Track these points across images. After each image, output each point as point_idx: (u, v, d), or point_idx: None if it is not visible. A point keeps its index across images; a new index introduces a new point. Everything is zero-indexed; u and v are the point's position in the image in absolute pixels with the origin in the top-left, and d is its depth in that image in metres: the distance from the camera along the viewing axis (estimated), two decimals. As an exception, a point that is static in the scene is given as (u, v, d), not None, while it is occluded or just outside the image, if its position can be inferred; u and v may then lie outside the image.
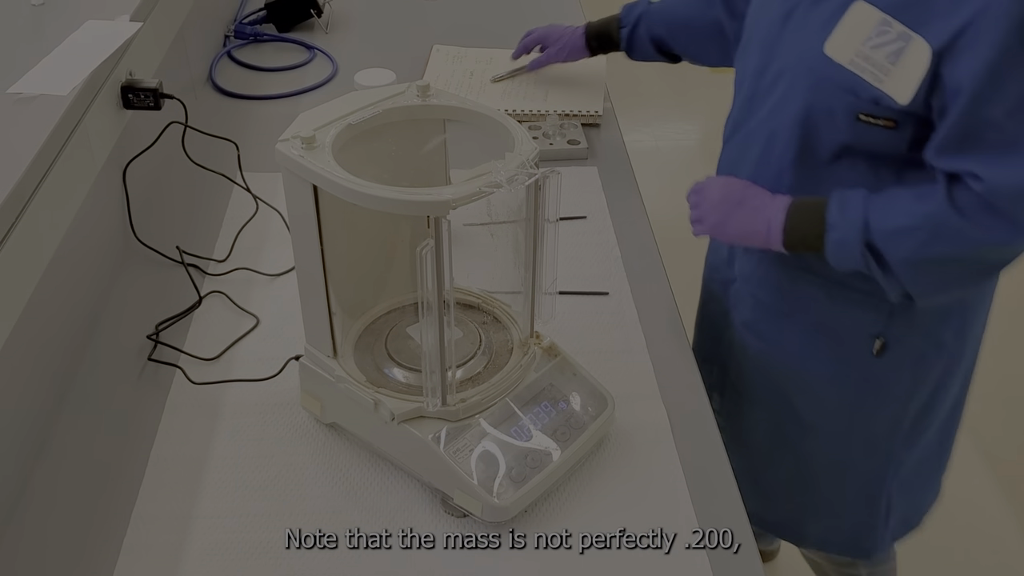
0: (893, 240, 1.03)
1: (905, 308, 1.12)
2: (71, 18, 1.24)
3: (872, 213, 1.03)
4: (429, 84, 0.97)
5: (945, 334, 1.17)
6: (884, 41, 0.99)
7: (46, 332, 1.02)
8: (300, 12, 1.88)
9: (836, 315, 1.16)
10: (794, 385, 1.24)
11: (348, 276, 1.00)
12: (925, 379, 1.19)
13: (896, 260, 1.03)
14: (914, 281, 1.04)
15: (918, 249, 1.02)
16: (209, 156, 1.40)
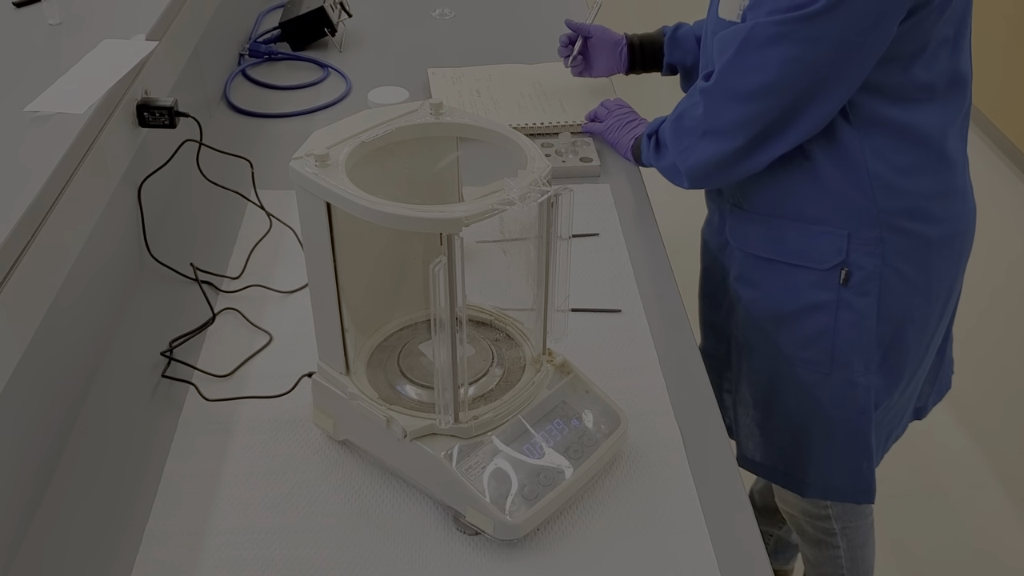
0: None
1: (861, 233, 1.27)
2: (88, 37, 1.25)
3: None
4: (442, 102, 0.97)
5: (904, 265, 1.29)
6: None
7: (60, 348, 1.03)
8: (314, 31, 1.90)
9: (806, 251, 1.30)
10: (781, 324, 1.36)
11: (361, 293, 1.00)
12: (891, 306, 1.31)
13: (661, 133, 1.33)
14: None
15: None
16: (223, 173, 1.41)
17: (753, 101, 1.19)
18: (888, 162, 1.23)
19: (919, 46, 1.17)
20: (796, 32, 1.13)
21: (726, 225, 1.41)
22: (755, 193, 1.33)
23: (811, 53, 1.14)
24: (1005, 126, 3.33)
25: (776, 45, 1.15)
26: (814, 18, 1.12)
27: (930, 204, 1.27)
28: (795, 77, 1.16)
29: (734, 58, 1.19)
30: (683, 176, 1.30)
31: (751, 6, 1.18)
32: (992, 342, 2.64)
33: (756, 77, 1.17)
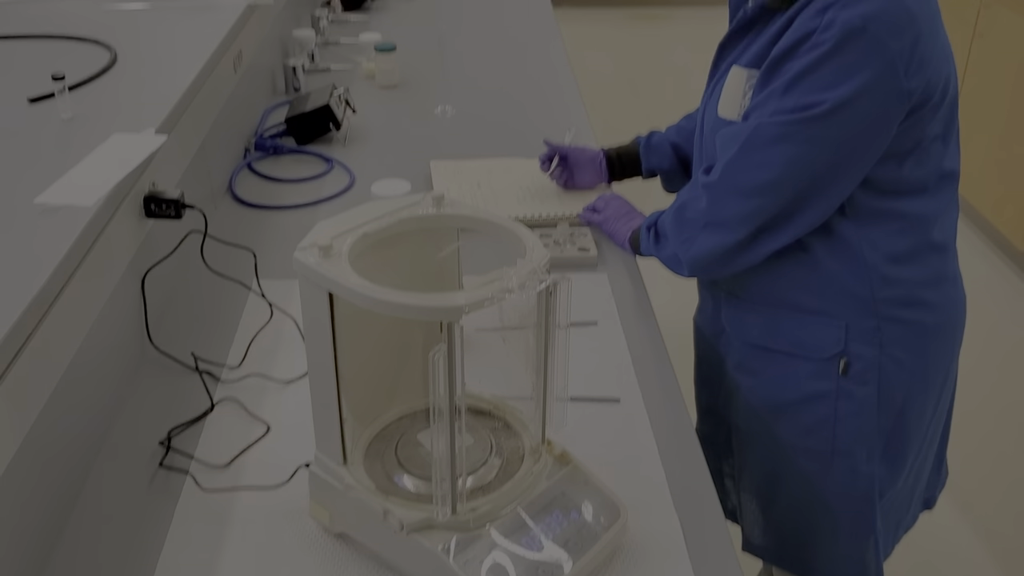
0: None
1: (859, 324, 1.28)
2: (99, 131, 1.29)
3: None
4: (444, 194, 0.99)
5: (902, 353, 1.30)
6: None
7: (59, 435, 1.03)
8: (319, 126, 1.94)
9: (804, 341, 1.32)
10: (781, 414, 1.37)
11: (360, 382, 1.00)
12: (891, 395, 1.32)
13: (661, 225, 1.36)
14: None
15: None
16: (227, 263, 1.43)
17: (756, 196, 1.22)
18: (884, 252, 1.26)
19: (913, 144, 1.21)
20: (799, 133, 1.17)
21: (722, 313, 1.43)
22: (752, 283, 1.35)
23: (813, 153, 1.18)
24: (998, 220, 3.38)
25: (779, 144, 1.18)
26: (818, 120, 1.15)
27: (925, 291, 1.29)
28: (797, 175, 1.19)
29: (738, 155, 1.22)
30: (684, 266, 1.33)
31: (754, 107, 1.22)
32: (988, 430, 2.63)
33: (759, 174, 1.21)
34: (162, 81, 1.50)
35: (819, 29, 1.13)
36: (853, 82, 1.13)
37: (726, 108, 1.29)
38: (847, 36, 1.11)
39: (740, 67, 1.27)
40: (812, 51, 1.14)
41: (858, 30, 1.11)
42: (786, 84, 1.17)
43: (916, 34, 1.13)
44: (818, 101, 1.14)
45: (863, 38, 1.11)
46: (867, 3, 1.12)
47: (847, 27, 1.11)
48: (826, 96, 1.14)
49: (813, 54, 1.14)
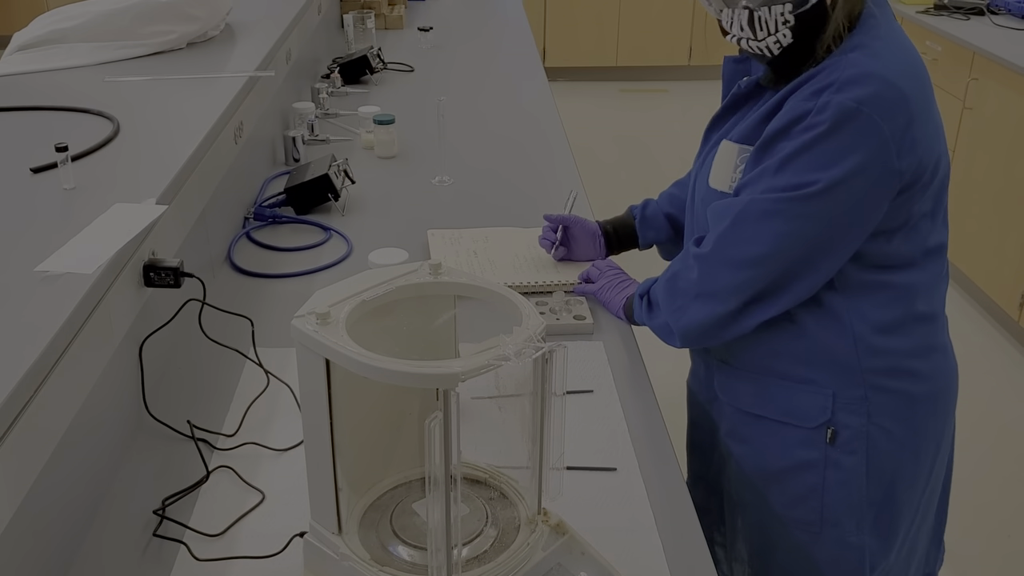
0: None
1: (845, 393, 1.28)
2: (100, 201, 1.30)
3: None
4: (441, 263, 1.00)
5: (889, 423, 1.30)
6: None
7: (53, 503, 1.02)
8: (318, 196, 1.97)
9: (793, 409, 1.32)
10: (771, 482, 1.36)
11: (356, 450, 1.00)
12: (880, 465, 1.31)
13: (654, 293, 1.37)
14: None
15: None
16: (224, 332, 1.43)
17: (746, 269, 1.24)
18: (872, 323, 1.27)
19: (903, 220, 1.23)
20: (791, 210, 1.19)
21: (714, 380, 1.43)
22: (742, 350, 1.35)
23: (804, 229, 1.20)
24: (991, 290, 3.40)
25: (771, 220, 1.20)
26: (810, 199, 1.18)
27: (913, 361, 1.30)
28: (788, 250, 1.21)
29: (730, 228, 1.24)
30: (675, 336, 1.33)
31: (746, 182, 1.24)
32: (987, 501, 2.60)
33: (750, 247, 1.23)
34: (163, 152, 1.52)
35: (814, 111, 1.16)
36: (846, 163, 1.15)
37: (717, 180, 1.31)
38: (842, 118, 1.14)
39: (731, 142, 1.30)
40: (806, 132, 1.16)
41: (852, 112, 1.13)
42: (779, 163, 1.19)
43: (909, 116, 1.15)
44: (811, 181, 1.17)
45: (857, 120, 1.14)
46: (862, 86, 1.14)
47: (842, 109, 1.14)
48: (819, 176, 1.16)
49: (807, 135, 1.16)
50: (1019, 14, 3.81)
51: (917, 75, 1.19)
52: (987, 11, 3.85)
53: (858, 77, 1.15)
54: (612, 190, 4.45)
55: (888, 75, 1.15)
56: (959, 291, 3.60)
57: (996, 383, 3.14)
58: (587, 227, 1.68)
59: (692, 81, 6.26)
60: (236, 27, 2.30)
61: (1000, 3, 3.89)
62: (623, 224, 1.68)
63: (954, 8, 3.88)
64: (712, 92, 6.68)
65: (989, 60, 3.34)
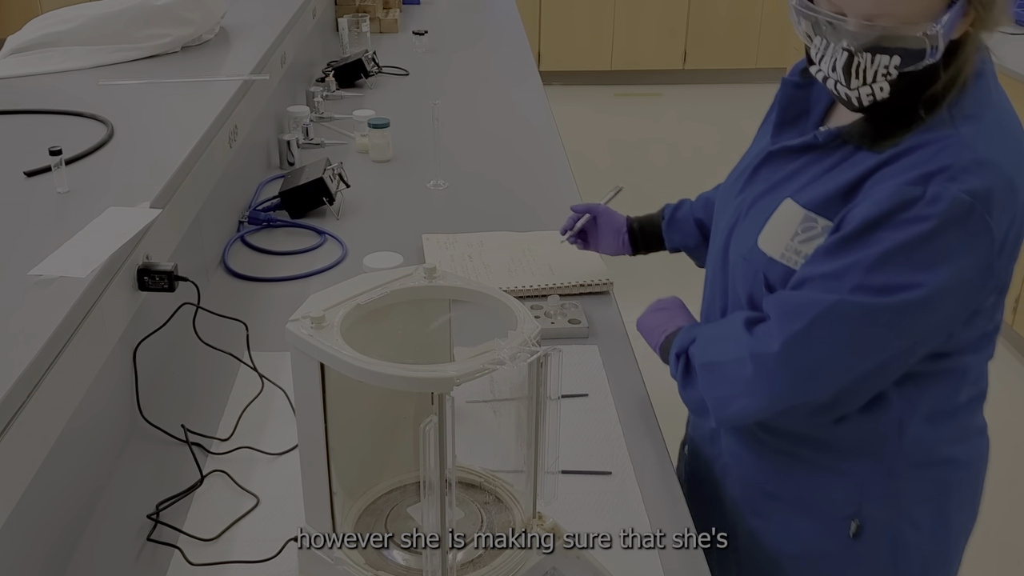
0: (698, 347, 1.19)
1: (876, 485, 1.16)
2: (94, 205, 1.30)
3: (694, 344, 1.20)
4: (435, 266, 1.00)
5: (921, 514, 1.18)
6: (812, 236, 1.09)
7: (46, 508, 1.02)
8: (313, 200, 1.97)
9: (814, 494, 1.19)
10: (785, 564, 1.24)
11: (351, 455, 1.00)
12: (909, 561, 1.19)
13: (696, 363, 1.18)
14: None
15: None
16: (219, 335, 1.43)
17: (811, 380, 1.08)
18: (922, 411, 1.14)
19: (969, 315, 1.10)
20: (884, 319, 1.03)
21: (721, 441, 1.29)
22: (773, 427, 1.21)
23: (891, 340, 1.05)
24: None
25: (857, 326, 1.04)
26: (909, 308, 1.02)
27: (953, 448, 1.19)
28: (866, 361, 1.06)
29: (805, 333, 1.05)
30: (712, 418, 1.18)
31: (828, 273, 1.05)
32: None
33: (824, 357, 1.06)
34: (158, 156, 1.52)
35: (924, 200, 0.99)
36: (953, 265, 1.00)
37: (768, 242, 1.13)
38: (955, 214, 0.99)
39: (797, 204, 1.11)
40: (912, 225, 1.00)
41: (967, 208, 0.99)
42: (877, 258, 1.02)
43: (1014, 211, 1.02)
44: (913, 283, 1.01)
45: (971, 218, 0.99)
46: (977, 178, 0.99)
47: (956, 204, 0.98)
48: (922, 279, 1.00)
49: (914, 229, 1.00)
50: (1017, 20, 3.82)
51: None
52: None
53: (973, 166, 1.00)
54: (607, 194, 4.44)
55: (1004, 165, 1.01)
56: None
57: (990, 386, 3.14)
58: (613, 220, 1.56)
59: (686, 85, 6.27)
60: (231, 31, 2.30)
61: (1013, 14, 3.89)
62: (651, 223, 1.54)
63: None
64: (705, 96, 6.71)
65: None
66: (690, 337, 1.21)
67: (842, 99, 1.08)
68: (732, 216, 1.21)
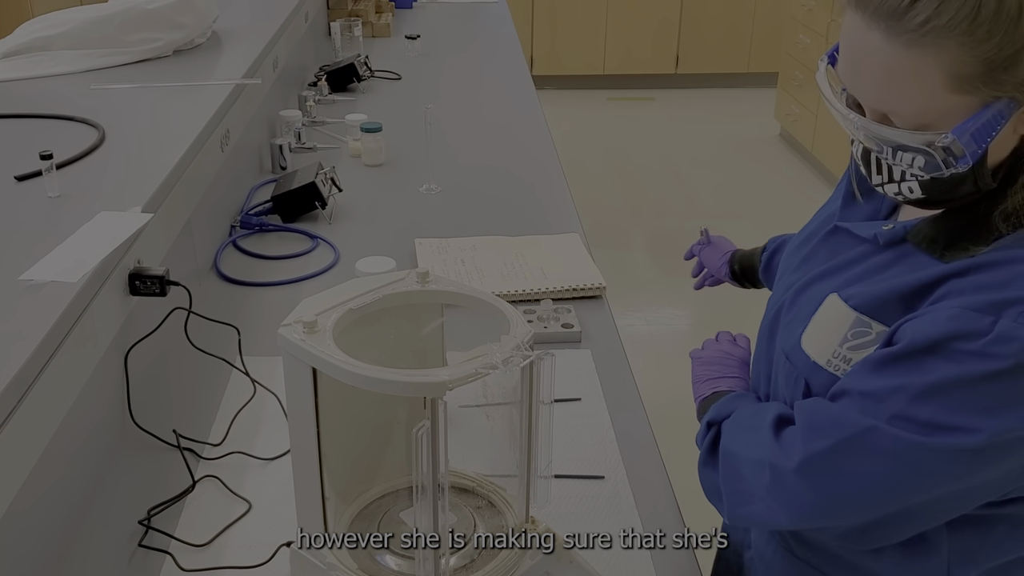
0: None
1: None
2: (86, 209, 1.30)
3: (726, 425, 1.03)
4: (428, 271, 1.00)
5: None
6: (864, 343, 0.93)
7: (36, 514, 1.01)
8: (305, 204, 1.96)
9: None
10: None
11: (343, 459, 1.00)
12: None
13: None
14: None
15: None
16: (211, 340, 1.42)
17: (831, 507, 0.92)
18: (975, 561, 0.97)
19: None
20: (925, 460, 0.86)
21: (752, 532, 1.15)
22: (805, 538, 1.06)
23: (927, 485, 0.88)
24: None
25: (890, 461, 0.87)
26: (960, 455, 0.85)
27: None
28: (897, 502, 0.90)
29: (830, 454, 0.90)
30: (726, 513, 1.02)
31: (868, 391, 0.89)
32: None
33: (847, 486, 0.90)
34: (149, 160, 1.52)
35: (992, 337, 0.83)
36: (1016, 417, 0.84)
37: (812, 343, 0.97)
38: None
39: (845, 304, 0.94)
40: (974, 361, 0.84)
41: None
42: (926, 388, 0.86)
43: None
44: (970, 426, 0.84)
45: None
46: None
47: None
48: (981, 424, 0.84)
49: (975, 366, 0.83)
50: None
51: None
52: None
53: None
54: (600, 198, 4.46)
55: None
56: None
57: None
58: (722, 245, 1.51)
59: (679, 90, 6.28)
60: (223, 35, 2.29)
61: None
62: (748, 261, 1.45)
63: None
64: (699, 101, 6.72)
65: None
66: (728, 410, 1.05)
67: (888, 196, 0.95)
68: (782, 294, 1.06)
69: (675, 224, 4.17)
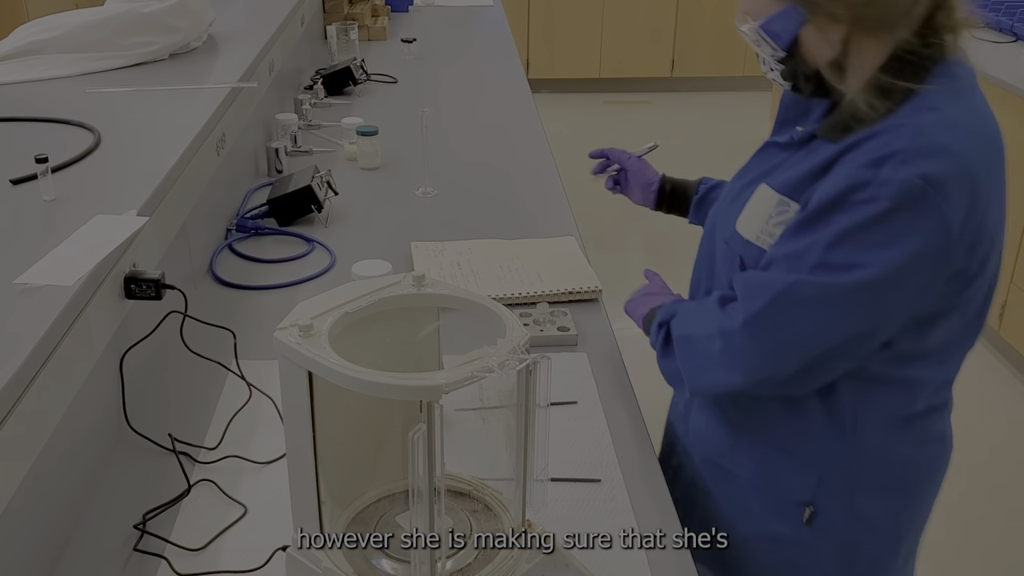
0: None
1: (832, 475, 1.21)
2: (81, 213, 1.29)
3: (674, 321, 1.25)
4: (424, 274, 1.00)
5: (875, 512, 1.22)
6: (784, 219, 1.14)
7: (30, 518, 1.01)
8: (301, 208, 1.96)
9: (771, 476, 1.24)
10: (741, 544, 1.27)
11: (339, 463, 0.99)
12: (853, 559, 1.24)
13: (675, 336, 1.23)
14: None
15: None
16: (206, 344, 1.42)
17: (774, 356, 1.13)
18: (880, 417, 1.18)
19: (942, 312, 1.12)
20: (839, 300, 1.07)
21: (691, 419, 1.36)
22: (731, 404, 1.27)
23: (847, 321, 1.08)
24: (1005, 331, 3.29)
25: (815, 307, 1.08)
26: (860, 288, 1.06)
27: (911, 451, 1.22)
28: (824, 340, 1.10)
29: (766, 310, 1.11)
30: (686, 389, 1.24)
31: (789, 253, 1.10)
32: (963, 508, 2.61)
33: (784, 334, 1.11)
34: (145, 163, 1.51)
35: (875, 183, 1.03)
36: (903, 248, 1.03)
37: (746, 225, 1.19)
38: (905, 197, 1.02)
39: (771, 189, 1.17)
40: (865, 206, 1.04)
41: (918, 191, 1.01)
42: (834, 238, 1.06)
43: (972, 200, 1.04)
44: (864, 263, 1.05)
45: (922, 201, 1.02)
46: (930, 162, 1.02)
47: (906, 187, 1.02)
48: (874, 259, 1.04)
49: (866, 210, 1.04)
50: (997, 27, 3.85)
51: (992, 157, 1.08)
52: (966, 24, 3.89)
53: (927, 150, 1.02)
54: (595, 201, 4.46)
55: (962, 154, 1.03)
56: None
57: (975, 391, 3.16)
58: (646, 173, 1.60)
59: (674, 93, 6.29)
60: (219, 38, 2.29)
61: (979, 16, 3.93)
62: (682, 189, 1.58)
63: (933, 21, 3.92)
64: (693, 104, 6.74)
65: (968, 72, 3.37)
66: (672, 311, 1.27)
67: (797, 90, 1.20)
68: (721, 203, 1.30)
69: (671, 227, 4.17)
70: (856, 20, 1.08)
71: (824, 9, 1.08)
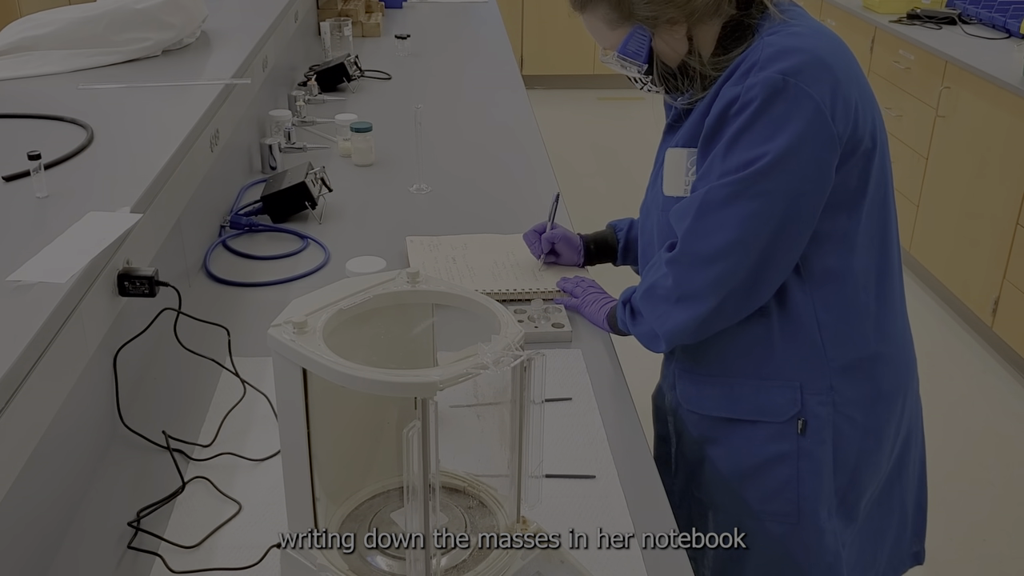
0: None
1: (812, 383, 1.32)
2: (74, 209, 1.29)
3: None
4: (419, 271, 1.00)
5: (854, 410, 1.33)
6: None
7: (25, 517, 1.01)
8: (295, 204, 1.96)
9: (763, 406, 1.34)
10: (745, 480, 1.37)
11: (334, 460, 0.99)
12: (846, 452, 1.35)
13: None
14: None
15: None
16: (200, 341, 1.42)
17: (719, 261, 1.24)
18: (836, 311, 1.29)
19: (852, 193, 1.26)
20: (748, 189, 1.21)
21: (677, 390, 1.44)
22: (706, 355, 1.37)
23: (766, 207, 1.21)
24: (961, 292, 3.44)
25: (732, 204, 1.22)
26: (763, 174, 1.20)
27: (877, 347, 1.33)
28: (755, 231, 1.22)
29: (694, 223, 1.25)
30: (661, 340, 1.34)
31: (700, 177, 1.27)
32: (962, 505, 2.63)
33: (719, 237, 1.23)
34: (138, 160, 1.51)
35: (743, 92, 1.20)
36: (787, 132, 1.18)
37: (671, 187, 1.34)
38: (771, 92, 1.18)
39: (676, 148, 1.33)
40: (742, 112, 1.20)
41: (780, 84, 1.18)
42: (726, 147, 1.22)
43: (833, 81, 1.19)
44: (759, 155, 1.19)
45: (786, 91, 1.18)
46: (783, 60, 1.19)
47: (769, 84, 1.18)
48: (766, 148, 1.19)
49: (744, 114, 1.20)
50: (990, 24, 3.86)
51: (836, 47, 1.24)
52: (959, 21, 3.90)
53: (777, 54, 1.20)
54: (589, 197, 4.46)
55: (806, 46, 1.20)
56: (933, 296, 3.64)
57: (969, 388, 3.17)
58: (572, 241, 1.72)
59: (669, 89, 6.29)
60: (212, 34, 2.29)
61: (972, 13, 3.94)
62: (603, 241, 1.72)
63: (926, 18, 3.93)
64: (688, 100, 6.51)
65: (961, 69, 3.38)
66: (630, 290, 1.41)
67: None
68: (647, 192, 1.45)
69: (665, 223, 4.17)
70: (690, 15, 1.26)
71: (662, 19, 1.27)
